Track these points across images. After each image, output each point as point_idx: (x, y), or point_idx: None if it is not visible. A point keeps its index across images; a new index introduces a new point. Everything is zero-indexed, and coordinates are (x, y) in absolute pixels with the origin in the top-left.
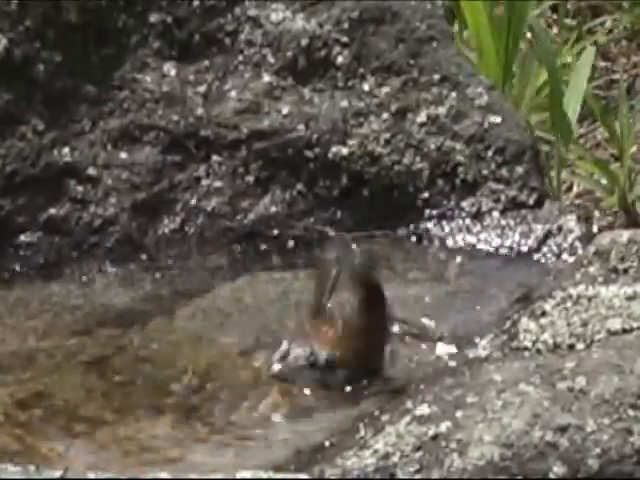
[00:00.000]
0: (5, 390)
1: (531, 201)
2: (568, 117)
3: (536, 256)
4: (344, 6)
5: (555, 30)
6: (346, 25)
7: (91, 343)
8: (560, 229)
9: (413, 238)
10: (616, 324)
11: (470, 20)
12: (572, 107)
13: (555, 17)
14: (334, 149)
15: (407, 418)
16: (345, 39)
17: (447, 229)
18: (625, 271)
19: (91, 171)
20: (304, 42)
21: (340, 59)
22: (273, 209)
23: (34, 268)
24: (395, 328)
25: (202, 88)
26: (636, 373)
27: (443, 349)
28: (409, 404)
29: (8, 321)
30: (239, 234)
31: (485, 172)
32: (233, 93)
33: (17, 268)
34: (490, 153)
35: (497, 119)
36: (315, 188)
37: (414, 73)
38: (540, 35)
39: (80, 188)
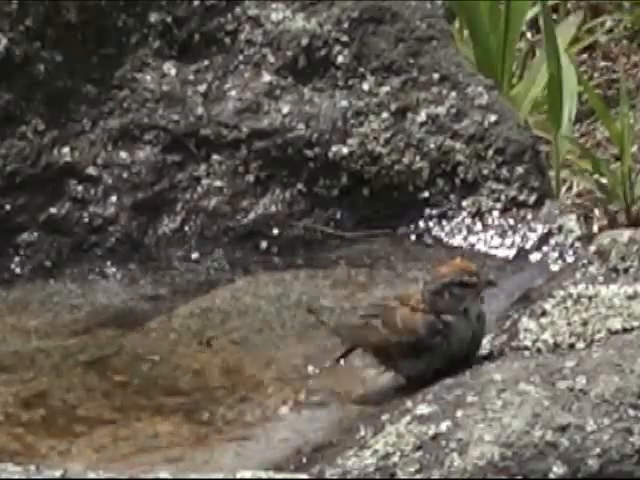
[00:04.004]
0: (6, 390)
1: (531, 201)
2: (566, 113)
3: (536, 256)
4: (344, 6)
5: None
6: (346, 25)
7: (91, 343)
8: (560, 229)
9: (413, 237)
10: (616, 323)
11: (468, 18)
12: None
13: (555, 17)
14: (334, 148)
15: (407, 418)
16: (345, 38)
17: (447, 228)
18: (625, 270)
19: (91, 171)
20: (304, 41)
21: (340, 58)
22: (273, 209)
23: (34, 268)
24: None
25: (202, 88)
26: (636, 372)
27: None
28: (409, 403)
29: (8, 321)
30: (239, 233)
31: (485, 172)
32: (233, 92)
33: (17, 268)
34: (490, 153)
35: (497, 118)
36: (315, 187)
37: (414, 72)
38: (548, 29)
39: (80, 188)
